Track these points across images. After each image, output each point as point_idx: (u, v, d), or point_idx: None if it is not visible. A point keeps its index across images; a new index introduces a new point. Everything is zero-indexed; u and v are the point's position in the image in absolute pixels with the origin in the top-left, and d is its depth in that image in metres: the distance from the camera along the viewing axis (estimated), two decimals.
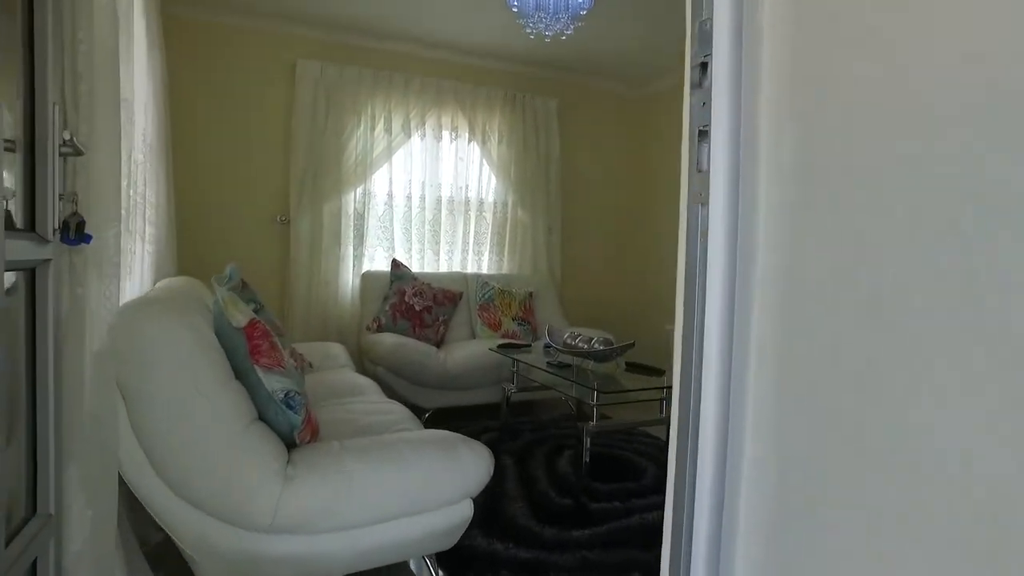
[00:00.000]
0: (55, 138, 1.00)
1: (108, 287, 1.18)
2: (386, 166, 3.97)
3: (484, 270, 4.35)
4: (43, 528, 0.99)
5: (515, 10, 2.82)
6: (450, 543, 1.64)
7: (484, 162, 4.30)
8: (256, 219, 3.74)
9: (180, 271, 2.98)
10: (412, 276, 3.75)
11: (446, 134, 4.16)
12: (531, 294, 4.06)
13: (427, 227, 4.15)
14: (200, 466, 1.33)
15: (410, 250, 4.08)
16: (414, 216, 4.09)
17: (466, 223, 4.28)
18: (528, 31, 2.91)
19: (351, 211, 3.88)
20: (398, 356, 3.19)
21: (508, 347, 3.27)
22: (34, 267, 1.00)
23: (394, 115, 3.95)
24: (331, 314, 3.84)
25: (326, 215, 3.79)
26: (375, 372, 3.30)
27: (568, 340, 2.90)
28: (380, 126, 3.91)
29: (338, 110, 3.79)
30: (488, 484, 1.65)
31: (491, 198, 4.37)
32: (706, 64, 0.62)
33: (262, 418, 1.51)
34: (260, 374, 1.48)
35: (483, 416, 3.45)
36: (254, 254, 3.71)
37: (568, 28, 2.87)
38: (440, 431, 1.73)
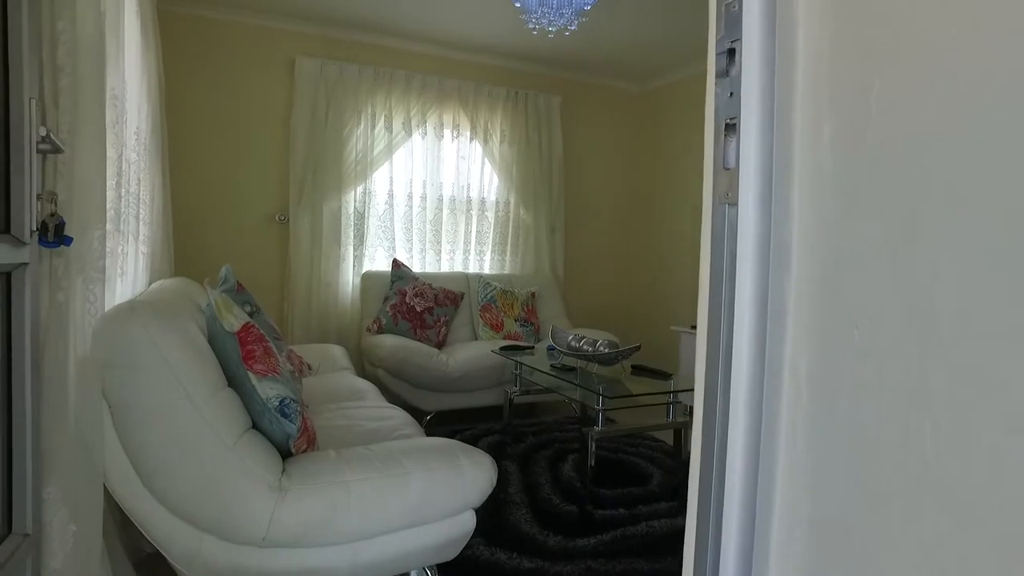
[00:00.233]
0: (32, 135, 0.95)
1: (92, 291, 1.13)
2: (387, 165, 3.91)
3: (486, 270, 4.29)
4: (19, 548, 0.93)
5: (518, 5, 2.76)
6: (452, 555, 1.58)
7: (486, 161, 4.24)
8: (255, 218, 3.69)
9: (176, 272, 2.92)
10: (413, 276, 3.69)
11: (447, 132, 4.10)
12: (533, 294, 4.00)
13: (428, 227, 4.09)
14: (190, 478, 1.27)
15: (411, 250, 4.03)
16: (415, 215, 4.03)
17: (468, 222, 4.22)
18: (531, 27, 2.84)
19: (351, 210, 3.82)
20: (399, 359, 3.13)
21: (511, 349, 3.21)
22: (10, 271, 0.94)
23: (395, 113, 3.89)
24: (331, 315, 3.78)
25: (326, 214, 3.74)
26: (375, 374, 3.24)
27: (572, 343, 2.84)
28: (381, 124, 3.85)
29: (338, 108, 3.73)
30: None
31: (493, 197, 4.31)
32: (733, 50, 0.56)
33: (256, 426, 1.46)
34: (254, 381, 1.42)
35: (485, 419, 3.39)
36: (253, 254, 3.66)
37: (572, 24, 2.81)
38: (441, 439, 1.68)
